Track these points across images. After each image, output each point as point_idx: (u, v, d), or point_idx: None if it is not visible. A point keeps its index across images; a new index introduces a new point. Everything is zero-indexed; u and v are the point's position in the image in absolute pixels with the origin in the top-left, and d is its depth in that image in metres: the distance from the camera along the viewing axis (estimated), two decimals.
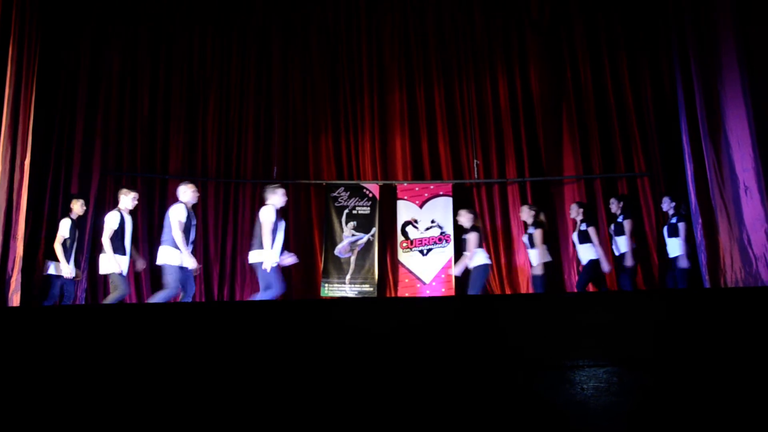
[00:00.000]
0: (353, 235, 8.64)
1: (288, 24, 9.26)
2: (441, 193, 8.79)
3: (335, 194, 8.87)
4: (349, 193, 8.85)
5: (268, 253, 5.97)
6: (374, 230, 8.72)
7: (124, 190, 6.40)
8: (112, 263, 6.07)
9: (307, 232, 9.03)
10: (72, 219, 6.44)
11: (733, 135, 6.70)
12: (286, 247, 6.70)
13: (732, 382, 2.85)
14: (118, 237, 6.17)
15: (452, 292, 8.28)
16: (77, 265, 6.96)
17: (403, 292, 8.49)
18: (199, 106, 8.92)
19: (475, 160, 8.98)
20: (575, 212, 7.46)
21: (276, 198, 6.28)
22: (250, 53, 9.18)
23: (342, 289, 8.55)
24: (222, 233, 8.75)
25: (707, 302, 3.67)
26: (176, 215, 5.95)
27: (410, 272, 8.59)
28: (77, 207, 6.61)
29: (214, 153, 8.90)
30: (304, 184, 9.06)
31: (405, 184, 8.95)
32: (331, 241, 8.72)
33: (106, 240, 6.11)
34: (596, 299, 4.57)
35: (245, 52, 9.17)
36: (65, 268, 6.18)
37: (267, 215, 6.08)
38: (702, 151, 7.26)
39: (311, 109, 9.23)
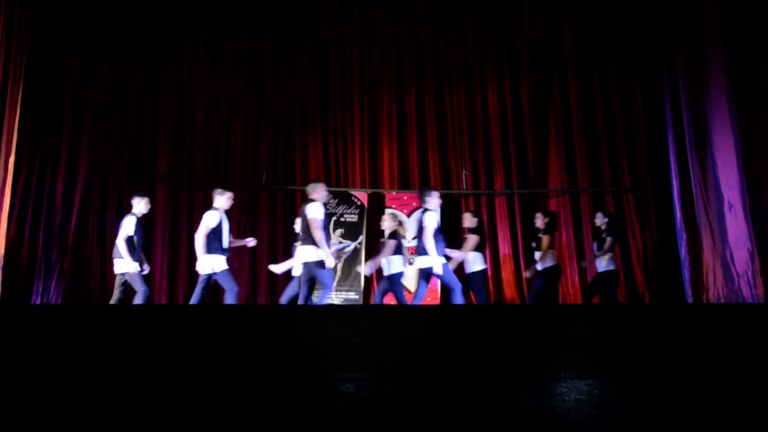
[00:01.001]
0: (340, 242, 8.61)
1: (279, 31, 9.25)
2: None
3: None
4: (337, 200, 8.83)
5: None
6: (361, 238, 8.70)
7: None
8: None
9: (294, 238, 8.96)
10: (137, 216, 6.35)
11: (719, 153, 6.75)
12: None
13: (712, 396, 2.85)
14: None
15: (437, 301, 8.26)
16: (148, 260, 6.87)
17: (389, 300, 8.45)
18: (187, 110, 8.88)
19: (463, 171, 9.00)
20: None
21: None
22: (240, 59, 9.16)
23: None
24: None
25: (689, 317, 3.67)
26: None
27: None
28: (141, 206, 6.49)
29: (201, 158, 8.85)
30: (292, 191, 9.03)
31: (393, 193, 8.94)
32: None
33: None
34: (580, 312, 4.58)
35: (235, 58, 9.15)
36: (130, 265, 6.09)
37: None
38: (688, 167, 7.31)
39: (300, 115, 9.22)
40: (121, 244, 6.13)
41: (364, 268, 7.98)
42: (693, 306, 6.58)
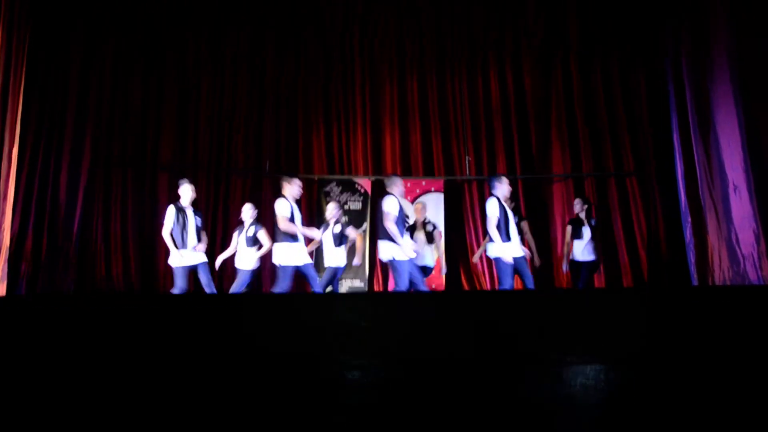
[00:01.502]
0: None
1: (281, 19, 9.18)
2: (432, 189, 8.77)
3: (327, 189, 8.83)
4: (341, 188, 8.81)
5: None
6: (366, 225, 8.69)
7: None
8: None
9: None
10: (177, 206, 6.25)
11: (723, 134, 6.71)
12: None
13: (720, 380, 2.84)
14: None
15: (442, 288, 8.26)
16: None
17: (393, 287, 8.45)
18: (190, 99, 8.84)
19: (466, 157, 8.97)
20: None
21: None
22: (242, 47, 9.09)
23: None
24: (212, 225, 8.68)
25: (695, 300, 3.67)
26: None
27: None
28: (186, 192, 6.33)
29: (205, 146, 8.83)
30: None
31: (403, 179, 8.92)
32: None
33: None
34: (586, 296, 4.58)
35: (238, 46, 9.09)
36: (174, 256, 6.02)
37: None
38: (692, 150, 7.28)
39: (303, 103, 9.18)
40: (166, 236, 6.06)
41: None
42: (698, 289, 6.58)
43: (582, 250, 7.10)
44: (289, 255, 5.61)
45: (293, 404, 2.42)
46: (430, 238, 6.94)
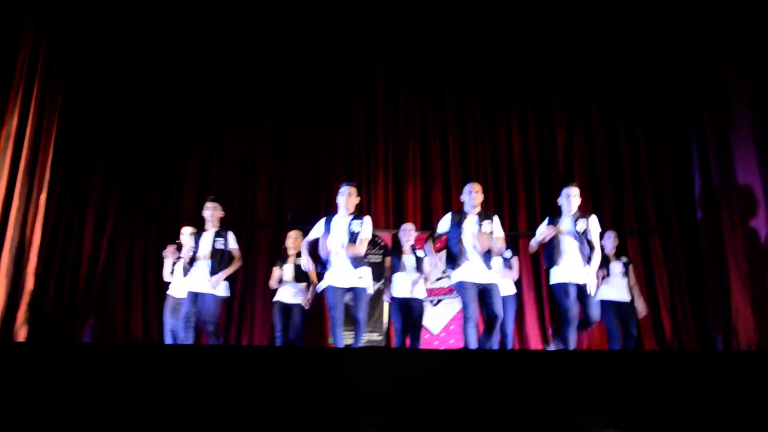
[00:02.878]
0: None
1: (304, 79, 9.37)
2: None
3: None
4: None
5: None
6: (382, 281, 8.67)
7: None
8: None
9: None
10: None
11: (745, 193, 6.70)
12: None
13: None
14: None
15: (461, 345, 8.16)
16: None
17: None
18: (214, 152, 9.04)
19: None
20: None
21: None
22: (267, 101, 9.32)
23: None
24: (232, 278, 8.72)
25: (714, 365, 3.59)
26: None
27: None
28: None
29: (227, 199, 8.95)
30: None
31: (417, 234, 8.92)
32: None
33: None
34: (604, 358, 4.50)
35: (263, 100, 9.31)
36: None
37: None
38: (715, 208, 7.26)
39: (324, 159, 9.28)
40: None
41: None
42: (720, 353, 6.43)
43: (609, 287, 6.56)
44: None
45: None
46: None
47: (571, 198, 5.72)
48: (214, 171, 8.99)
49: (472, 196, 5.74)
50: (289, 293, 6.71)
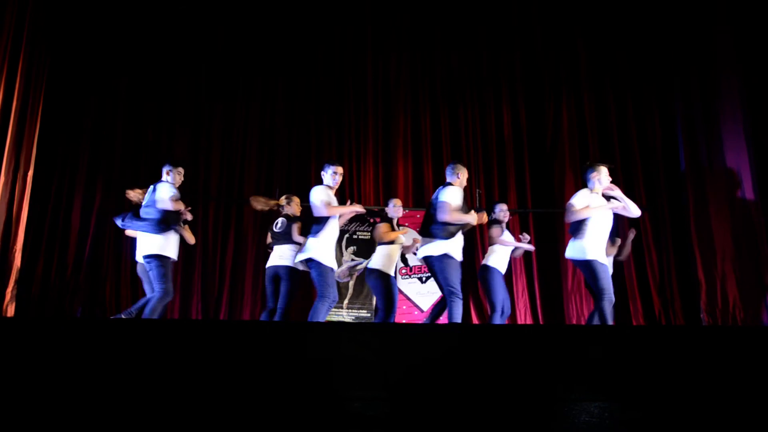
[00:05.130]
0: (353, 260, 8.62)
1: (295, 53, 9.33)
2: None
3: None
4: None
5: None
6: (365, 262, 8.71)
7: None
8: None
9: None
10: None
11: (733, 175, 6.76)
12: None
13: (723, 422, 2.83)
14: None
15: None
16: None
17: (400, 318, 8.45)
18: (203, 127, 8.98)
19: (477, 189, 9.00)
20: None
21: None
22: (255, 74, 9.25)
23: (339, 313, 8.51)
24: (221, 253, 8.76)
25: (702, 340, 3.64)
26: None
27: (408, 299, 8.56)
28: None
29: (216, 174, 8.95)
30: (306, 207, 9.06)
31: (407, 211, 8.96)
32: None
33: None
34: (593, 332, 4.55)
35: (251, 78, 9.24)
36: None
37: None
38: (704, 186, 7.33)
39: (315, 132, 9.27)
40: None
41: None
42: (707, 329, 6.53)
43: None
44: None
45: None
46: None
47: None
48: (203, 143, 8.95)
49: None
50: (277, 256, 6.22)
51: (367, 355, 3.33)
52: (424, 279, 8.60)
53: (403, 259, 8.69)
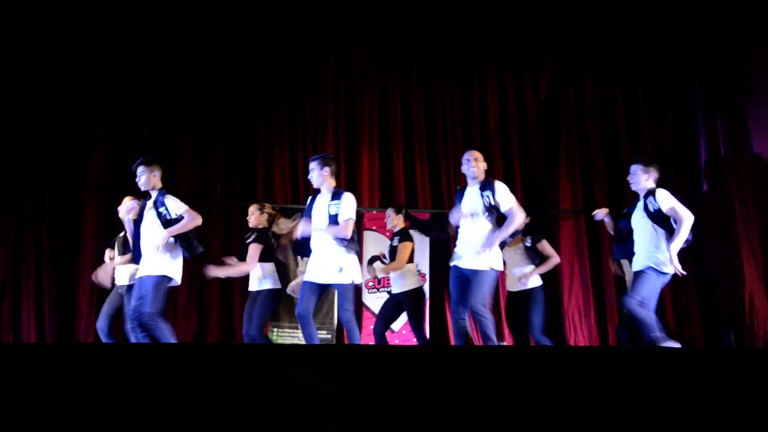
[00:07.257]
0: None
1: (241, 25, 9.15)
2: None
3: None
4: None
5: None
6: None
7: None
8: None
9: None
10: None
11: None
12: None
13: None
14: None
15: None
16: None
17: (367, 339, 8.30)
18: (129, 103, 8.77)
19: (457, 186, 8.91)
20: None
21: None
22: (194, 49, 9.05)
23: (294, 335, 8.35)
24: None
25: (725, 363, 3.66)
26: None
27: (376, 317, 8.43)
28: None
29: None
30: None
31: (374, 212, 8.82)
32: (283, 277, 8.51)
33: None
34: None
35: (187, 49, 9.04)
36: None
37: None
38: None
39: (264, 117, 9.04)
40: None
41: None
42: (730, 351, 6.55)
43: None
44: None
45: None
46: None
47: None
48: (123, 137, 8.73)
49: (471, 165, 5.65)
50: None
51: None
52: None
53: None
